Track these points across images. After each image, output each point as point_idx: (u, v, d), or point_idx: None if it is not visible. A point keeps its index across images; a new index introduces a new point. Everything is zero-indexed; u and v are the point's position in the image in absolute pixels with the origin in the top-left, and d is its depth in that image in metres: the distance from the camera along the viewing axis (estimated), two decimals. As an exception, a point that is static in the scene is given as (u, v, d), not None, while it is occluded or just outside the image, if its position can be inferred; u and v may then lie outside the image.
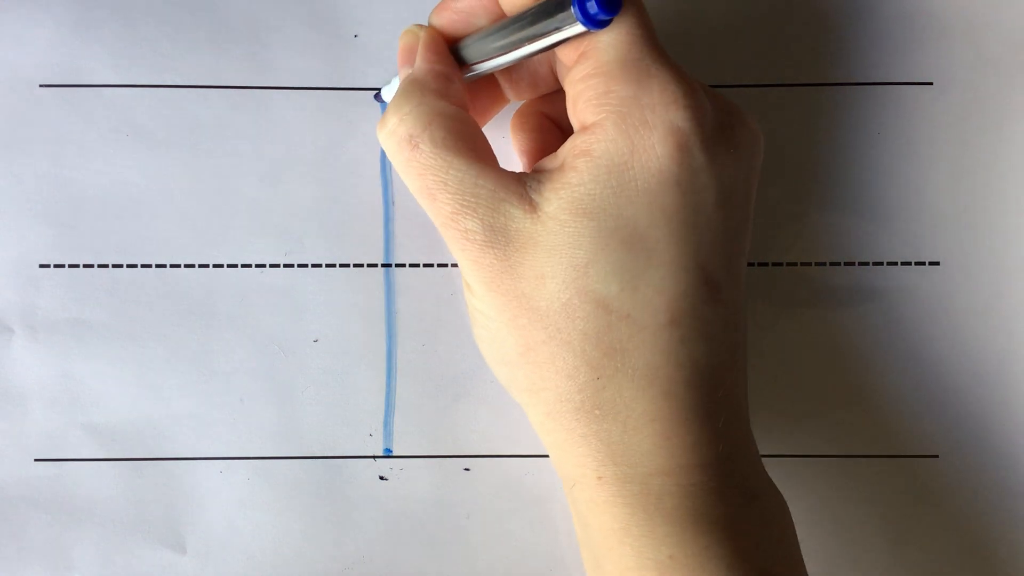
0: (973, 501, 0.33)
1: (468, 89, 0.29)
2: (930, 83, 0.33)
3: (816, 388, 0.33)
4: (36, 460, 0.32)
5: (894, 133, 0.33)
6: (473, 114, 0.29)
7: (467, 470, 0.33)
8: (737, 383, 0.27)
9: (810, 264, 0.33)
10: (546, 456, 0.33)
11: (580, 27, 0.24)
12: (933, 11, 0.33)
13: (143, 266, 0.33)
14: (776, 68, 0.33)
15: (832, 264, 0.33)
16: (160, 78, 0.33)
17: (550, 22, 0.25)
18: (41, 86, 0.33)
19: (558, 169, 0.26)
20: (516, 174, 0.26)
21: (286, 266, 0.33)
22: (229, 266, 0.33)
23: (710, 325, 0.26)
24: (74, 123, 0.33)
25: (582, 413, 0.26)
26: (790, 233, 0.33)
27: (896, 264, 0.33)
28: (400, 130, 0.27)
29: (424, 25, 0.29)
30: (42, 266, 0.32)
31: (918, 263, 0.33)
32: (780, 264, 0.33)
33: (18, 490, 0.32)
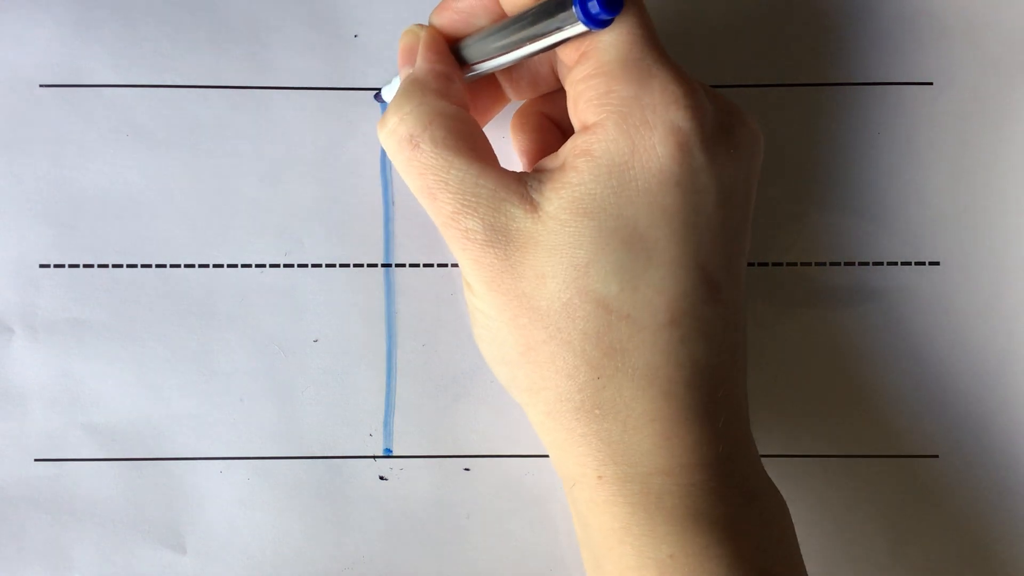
0: (973, 501, 0.33)
1: (469, 89, 0.29)
2: (930, 83, 0.33)
3: (816, 388, 0.33)
4: (36, 460, 0.32)
5: (894, 133, 0.33)
6: (474, 114, 0.29)
7: (467, 470, 0.33)
8: (737, 383, 0.27)
9: (810, 264, 0.33)
10: (546, 456, 0.32)
11: (581, 27, 0.24)
12: (933, 11, 0.33)
13: (143, 266, 0.33)
14: (776, 68, 0.33)
15: (832, 264, 0.33)
16: (160, 78, 0.33)
17: (551, 22, 0.25)
18: (41, 86, 0.33)
19: (559, 169, 0.26)
20: (517, 174, 0.26)
21: (286, 266, 0.33)
22: (229, 266, 0.33)
23: (710, 325, 0.26)
24: (74, 123, 0.33)
25: (582, 413, 0.26)
26: (790, 233, 0.33)
27: (896, 264, 0.33)
28: (401, 129, 0.27)
29: (425, 25, 0.29)
30: (42, 266, 0.32)
31: (918, 263, 0.33)
32: (780, 264, 0.33)
33: (18, 490, 0.32)
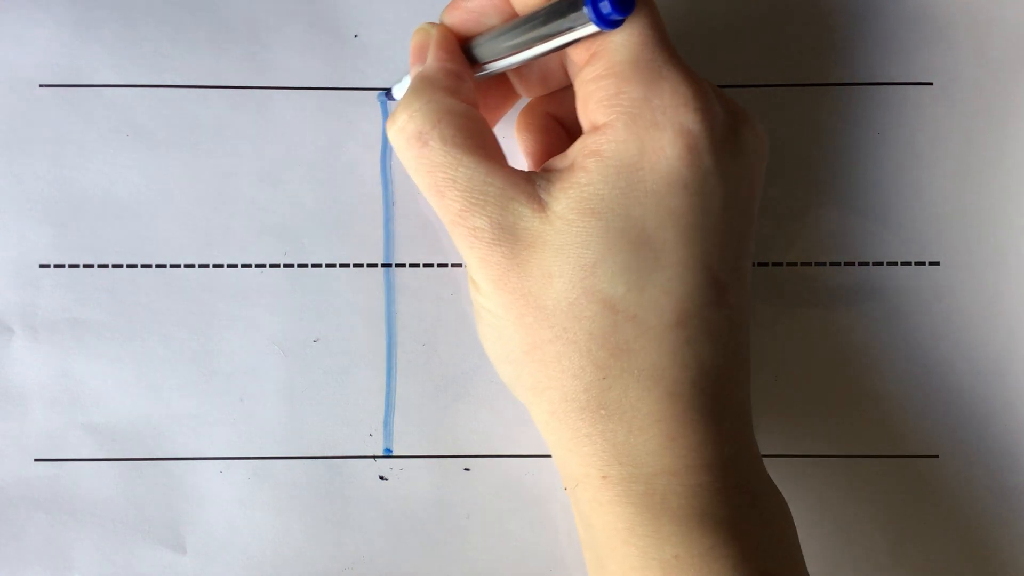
0: (973, 501, 0.33)
1: (478, 87, 0.29)
2: (931, 83, 0.33)
3: (816, 388, 0.33)
4: (36, 460, 0.32)
5: (895, 133, 0.33)
6: (483, 112, 0.28)
7: (467, 470, 0.33)
8: (742, 384, 0.27)
9: (810, 264, 0.33)
10: (546, 456, 0.32)
11: (593, 27, 0.24)
12: (934, 11, 0.33)
13: (143, 266, 0.33)
14: (777, 68, 0.33)
15: (832, 264, 0.33)
16: (160, 78, 0.33)
17: (562, 22, 0.25)
18: (41, 86, 0.33)
19: (568, 168, 0.26)
20: (525, 173, 0.26)
21: (286, 266, 0.33)
22: (229, 266, 0.33)
23: (716, 327, 0.26)
24: (74, 123, 0.33)
25: (587, 412, 0.26)
26: (791, 233, 0.33)
27: (896, 264, 0.33)
28: (410, 127, 0.27)
29: (436, 23, 0.29)
30: (42, 266, 0.32)
31: (918, 263, 0.33)
32: (780, 264, 0.33)
33: (18, 490, 0.32)
